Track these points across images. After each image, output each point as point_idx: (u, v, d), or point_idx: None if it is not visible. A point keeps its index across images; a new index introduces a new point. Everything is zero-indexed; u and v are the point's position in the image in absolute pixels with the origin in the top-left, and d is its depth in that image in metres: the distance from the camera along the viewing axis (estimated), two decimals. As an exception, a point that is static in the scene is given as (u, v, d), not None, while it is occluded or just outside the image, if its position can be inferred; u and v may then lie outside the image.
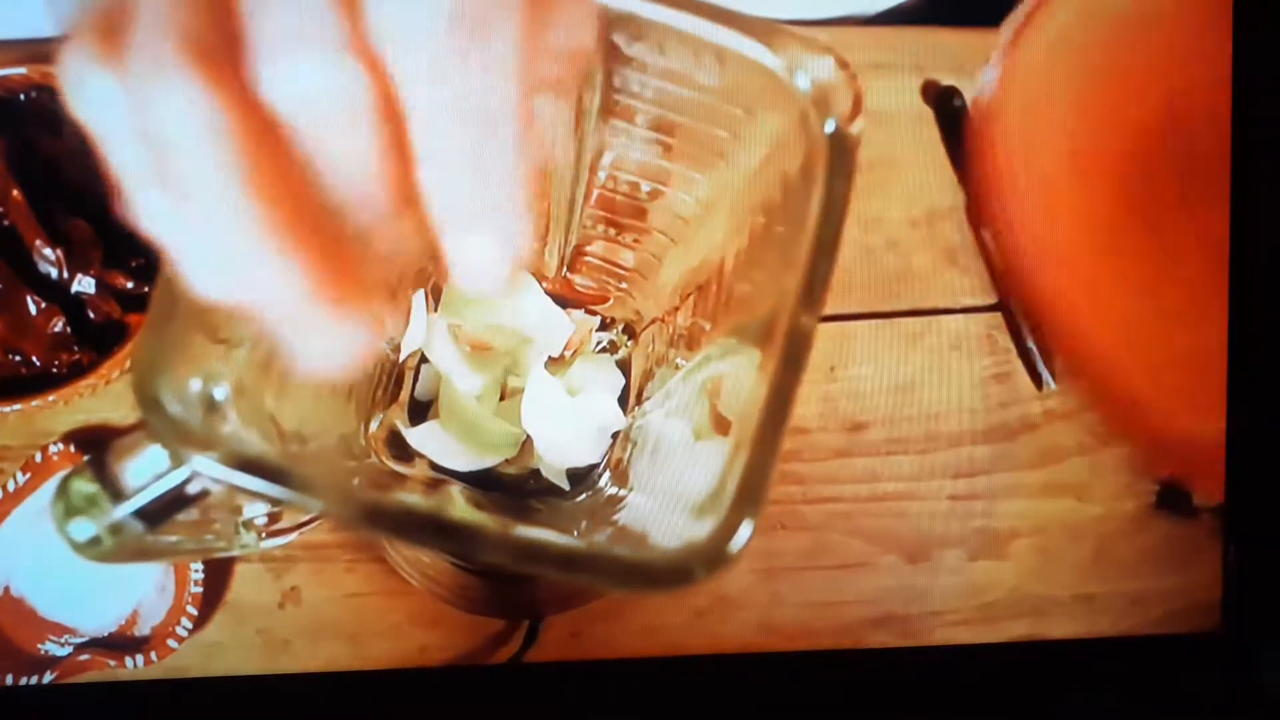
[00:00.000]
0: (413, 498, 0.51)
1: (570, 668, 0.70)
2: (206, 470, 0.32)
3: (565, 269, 0.58)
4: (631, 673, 0.71)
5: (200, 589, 0.66)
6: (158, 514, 0.37)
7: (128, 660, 0.65)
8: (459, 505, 0.49)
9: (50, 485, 0.67)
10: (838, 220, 0.38)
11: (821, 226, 0.38)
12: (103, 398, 0.69)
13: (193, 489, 0.36)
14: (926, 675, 0.73)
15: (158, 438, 0.32)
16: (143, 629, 0.66)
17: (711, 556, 0.32)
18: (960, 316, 0.74)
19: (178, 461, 0.35)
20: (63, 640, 0.66)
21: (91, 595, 0.67)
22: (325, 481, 0.32)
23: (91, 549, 0.37)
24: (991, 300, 0.76)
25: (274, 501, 0.32)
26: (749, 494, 0.33)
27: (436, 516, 0.32)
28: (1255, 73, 0.72)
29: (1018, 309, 0.75)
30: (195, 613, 0.66)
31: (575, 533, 0.49)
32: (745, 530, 0.32)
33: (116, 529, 0.36)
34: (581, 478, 0.57)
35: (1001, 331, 0.75)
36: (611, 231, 0.54)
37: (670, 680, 0.71)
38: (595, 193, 0.51)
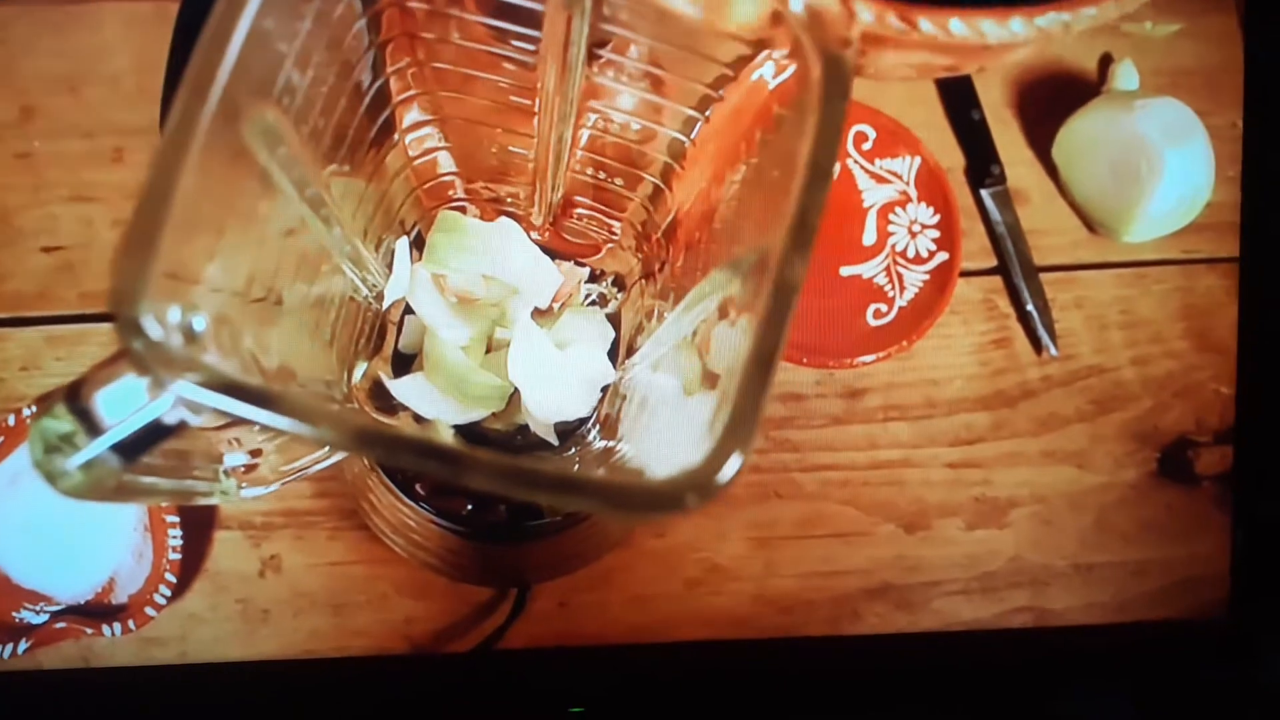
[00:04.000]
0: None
1: (563, 652, 0.69)
2: (189, 394, 0.30)
3: (554, 219, 0.56)
4: (625, 656, 0.69)
5: (179, 556, 0.64)
6: (135, 446, 0.35)
7: (105, 628, 0.63)
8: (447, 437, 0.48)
9: (24, 449, 0.65)
10: (831, 147, 0.37)
11: (815, 152, 0.36)
12: (77, 360, 0.68)
13: (170, 419, 0.35)
14: (926, 659, 0.72)
15: (137, 362, 0.31)
16: (120, 597, 0.65)
17: (702, 484, 0.31)
18: (959, 280, 0.72)
19: (157, 389, 0.33)
20: (38, 608, 0.64)
21: (67, 562, 0.65)
22: (312, 405, 0.31)
23: (68, 484, 0.35)
24: (990, 264, 0.75)
25: (258, 426, 0.31)
26: (739, 426, 0.32)
27: (428, 441, 0.31)
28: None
29: (1017, 272, 0.73)
30: (173, 580, 0.64)
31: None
32: (735, 461, 0.31)
33: (93, 464, 0.35)
34: (570, 432, 0.56)
35: (1001, 296, 0.74)
36: (601, 176, 0.52)
37: (665, 664, 0.70)
38: (584, 135, 0.50)
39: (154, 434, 0.35)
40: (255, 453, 0.49)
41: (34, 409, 0.66)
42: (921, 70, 0.51)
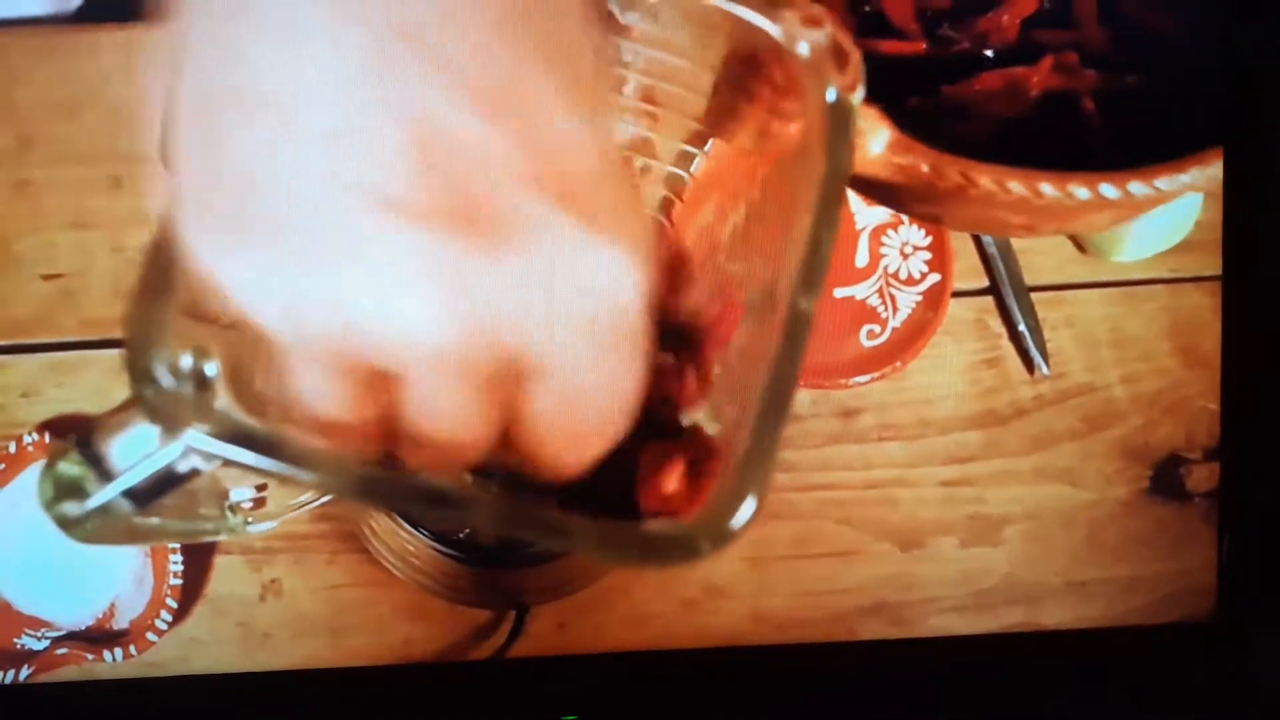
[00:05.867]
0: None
1: (559, 661, 0.69)
2: (199, 444, 0.31)
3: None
4: (620, 666, 0.70)
5: (179, 581, 0.65)
6: (146, 494, 0.36)
7: (105, 654, 0.63)
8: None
9: (25, 476, 0.65)
10: (839, 192, 0.37)
11: (823, 198, 0.37)
12: (77, 387, 0.68)
13: (182, 467, 0.35)
14: (919, 667, 0.72)
15: (150, 412, 0.31)
16: (120, 622, 0.65)
17: (715, 531, 0.31)
18: (951, 300, 0.73)
19: (169, 437, 0.34)
20: (39, 634, 0.65)
21: (68, 588, 0.65)
22: (319, 454, 0.31)
23: (79, 530, 0.36)
24: (982, 284, 0.75)
25: (268, 475, 0.31)
26: (753, 470, 0.32)
27: (431, 485, 0.31)
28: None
29: (1008, 292, 0.74)
30: (174, 605, 0.64)
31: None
32: (749, 506, 0.32)
33: (104, 510, 0.35)
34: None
35: (992, 315, 0.74)
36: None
37: (660, 673, 0.71)
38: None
39: (166, 480, 0.35)
40: (262, 486, 0.49)
41: (35, 437, 0.66)
42: (993, 224, 0.55)
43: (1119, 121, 0.58)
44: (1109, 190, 0.49)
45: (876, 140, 0.50)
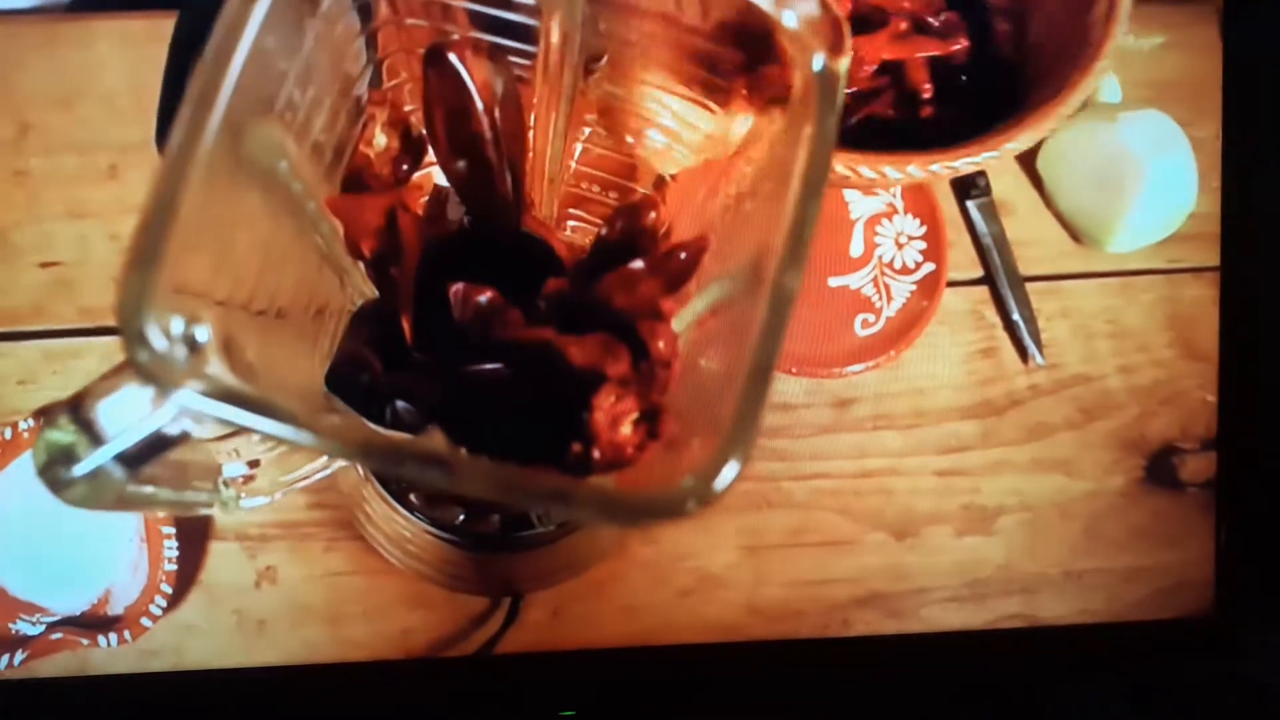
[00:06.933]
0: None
1: (555, 657, 0.69)
2: (192, 404, 0.31)
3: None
4: (616, 662, 0.70)
5: (174, 567, 0.65)
6: (138, 457, 0.36)
7: (100, 639, 0.63)
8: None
9: (21, 462, 0.66)
10: (825, 160, 0.37)
11: (809, 165, 0.37)
12: (73, 374, 0.68)
13: (173, 430, 0.35)
14: (915, 660, 0.72)
15: (142, 373, 0.31)
16: (115, 608, 0.65)
17: (699, 491, 0.31)
18: (946, 291, 0.73)
19: (160, 399, 0.34)
20: (34, 619, 0.65)
21: (64, 574, 0.66)
22: (314, 416, 0.31)
23: (70, 494, 0.36)
24: (977, 274, 0.75)
25: (260, 434, 0.31)
26: (737, 433, 0.32)
27: (425, 449, 0.31)
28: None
29: (1003, 282, 0.74)
30: (169, 591, 0.64)
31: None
32: (732, 469, 0.32)
33: (95, 475, 0.35)
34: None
35: (987, 305, 0.75)
36: (595, 189, 0.53)
37: (656, 668, 0.71)
38: (578, 148, 0.50)
39: (156, 444, 0.35)
40: (253, 464, 0.49)
41: (30, 423, 0.66)
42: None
43: (947, 86, 0.65)
44: (916, 171, 0.54)
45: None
